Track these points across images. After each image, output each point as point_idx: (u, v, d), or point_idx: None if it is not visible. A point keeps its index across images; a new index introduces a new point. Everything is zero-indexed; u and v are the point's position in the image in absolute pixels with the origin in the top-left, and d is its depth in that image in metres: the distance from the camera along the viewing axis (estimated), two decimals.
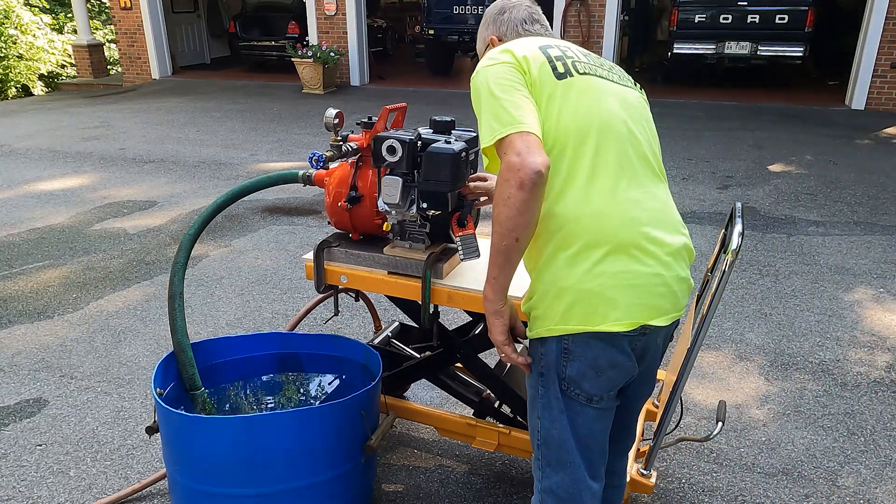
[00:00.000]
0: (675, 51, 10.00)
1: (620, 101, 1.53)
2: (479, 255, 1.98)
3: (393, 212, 2.01)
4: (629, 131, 1.50)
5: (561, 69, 1.49)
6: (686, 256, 1.53)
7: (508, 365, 2.37)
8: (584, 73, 1.51)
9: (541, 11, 1.76)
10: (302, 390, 2.38)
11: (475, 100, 1.49)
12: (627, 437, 1.79)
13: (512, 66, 1.47)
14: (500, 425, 2.22)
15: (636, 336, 1.45)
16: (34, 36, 15.57)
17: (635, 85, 1.66)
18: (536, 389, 1.54)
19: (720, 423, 2.03)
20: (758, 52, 9.60)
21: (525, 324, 1.58)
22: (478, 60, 1.73)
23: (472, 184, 1.96)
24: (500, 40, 1.69)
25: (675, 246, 1.49)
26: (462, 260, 1.98)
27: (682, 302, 1.52)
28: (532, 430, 1.59)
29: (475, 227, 2.05)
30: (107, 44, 16.24)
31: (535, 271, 1.49)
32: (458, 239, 1.97)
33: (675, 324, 1.56)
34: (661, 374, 2.38)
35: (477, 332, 2.40)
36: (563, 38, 10.13)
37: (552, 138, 1.43)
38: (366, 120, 2.14)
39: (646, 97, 1.67)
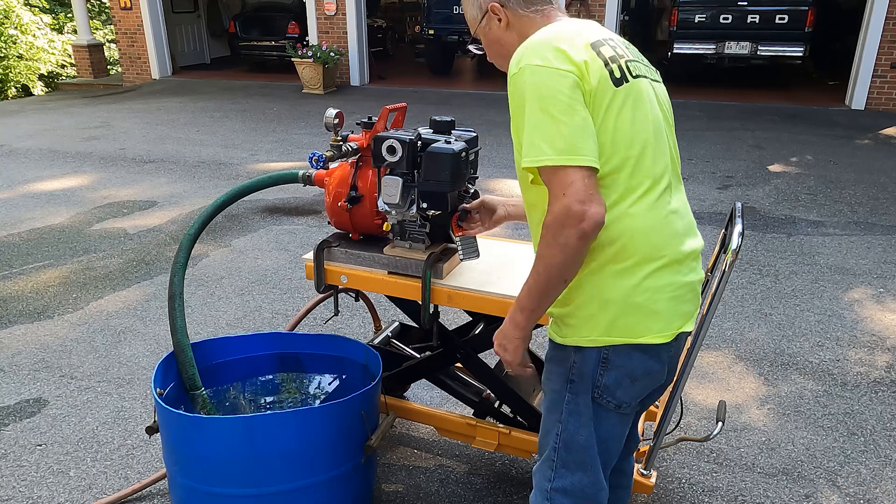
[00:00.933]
0: (675, 51, 10.00)
1: (660, 102, 1.47)
2: (478, 256, 1.98)
3: (393, 212, 2.01)
4: (666, 139, 1.46)
5: (618, 74, 1.37)
6: (700, 257, 1.54)
7: None
8: (637, 77, 1.41)
9: None
10: (302, 390, 2.38)
11: (517, 103, 1.34)
12: (634, 436, 1.80)
13: (570, 78, 1.30)
14: (500, 425, 2.22)
15: (671, 344, 1.46)
16: (34, 36, 15.57)
17: (658, 74, 1.57)
18: (562, 395, 1.50)
19: (720, 423, 2.03)
20: (758, 52, 9.59)
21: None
22: (478, 60, 1.70)
23: (474, 213, 1.95)
24: (502, 6, 1.51)
25: (697, 250, 1.50)
26: (462, 260, 1.98)
27: (699, 300, 1.54)
28: (548, 432, 1.56)
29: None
30: (107, 44, 16.24)
31: (575, 279, 1.43)
32: (457, 239, 1.97)
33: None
34: None
35: (477, 332, 2.40)
36: None
37: (609, 149, 1.34)
38: (366, 120, 2.14)
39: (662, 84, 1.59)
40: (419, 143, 1.92)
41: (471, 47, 1.69)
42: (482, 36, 1.59)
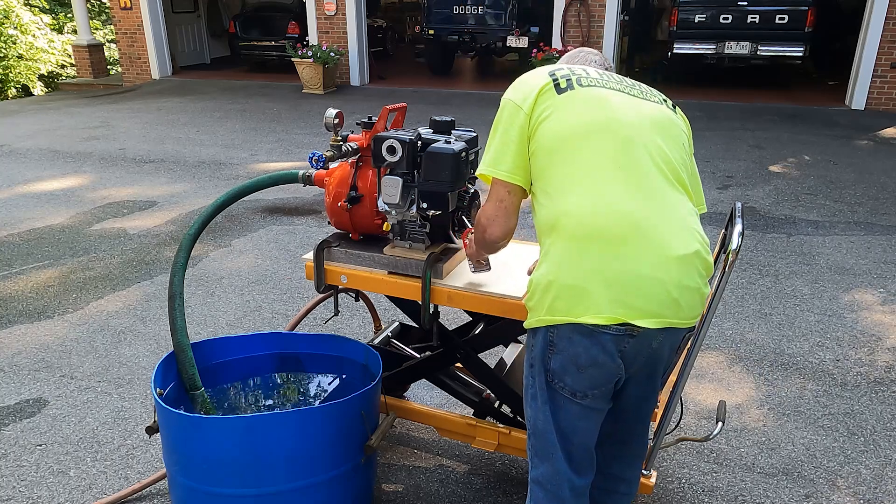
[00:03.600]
0: (675, 51, 9.99)
1: (633, 109, 1.57)
2: (489, 269, 1.99)
3: (393, 212, 2.01)
4: (631, 137, 1.52)
5: (563, 85, 1.58)
6: (698, 266, 1.50)
7: (508, 365, 2.37)
8: (588, 86, 1.59)
9: (610, 63, 1.84)
10: (302, 390, 2.38)
11: (495, 120, 1.64)
12: (633, 444, 1.78)
13: (514, 108, 1.59)
14: (500, 425, 2.22)
15: (621, 336, 1.46)
16: (34, 36, 15.57)
17: (665, 102, 1.68)
18: (527, 379, 1.61)
19: (720, 423, 2.03)
20: (758, 52, 9.58)
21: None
22: (478, 60, 1.75)
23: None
24: None
25: (680, 253, 1.47)
26: (473, 272, 1.99)
27: (687, 311, 1.49)
28: (526, 420, 1.65)
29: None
30: (107, 44, 16.24)
31: (538, 269, 1.56)
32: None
33: (680, 333, 1.55)
34: None
35: (477, 332, 2.40)
36: (562, 38, 10.13)
37: (551, 143, 1.53)
38: (366, 120, 2.14)
39: (682, 117, 1.70)
40: (419, 143, 1.93)
41: None
42: None
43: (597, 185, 1.48)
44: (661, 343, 1.53)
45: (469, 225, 2.01)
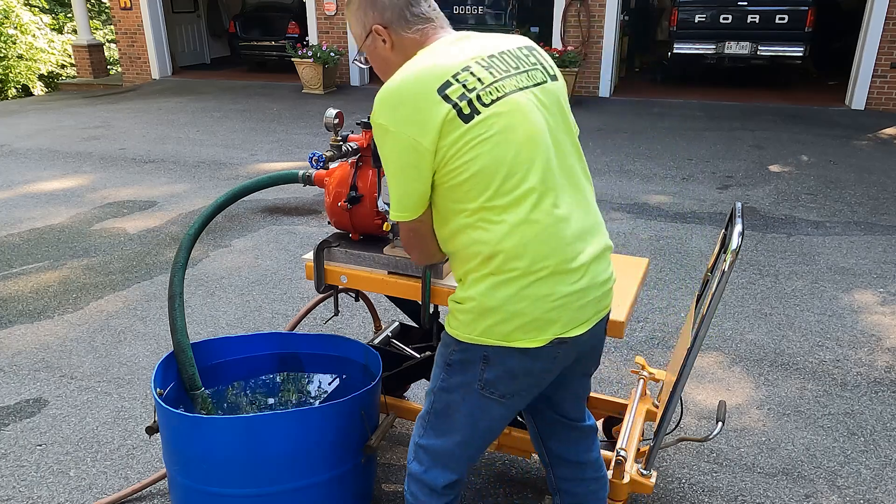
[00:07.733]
0: (675, 51, 10.01)
1: (540, 107, 1.47)
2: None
3: None
4: (549, 144, 1.46)
5: (466, 111, 1.37)
6: (607, 255, 1.56)
7: None
8: (493, 102, 1.40)
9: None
10: (302, 390, 2.38)
11: (380, 150, 1.44)
12: (580, 425, 1.80)
13: (407, 141, 1.39)
14: None
15: (554, 348, 1.48)
16: (34, 36, 15.58)
17: (548, 69, 1.55)
18: (438, 374, 1.61)
19: (720, 423, 2.03)
20: (758, 52, 9.60)
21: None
22: None
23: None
24: (385, 28, 1.52)
25: (597, 251, 1.51)
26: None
27: (606, 301, 1.55)
28: (429, 392, 1.66)
29: None
30: (107, 44, 16.25)
31: (465, 283, 1.50)
32: None
33: (605, 320, 1.60)
34: (660, 374, 2.39)
35: None
36: (562, 38, 10.14)
37: (473, 179, 1.39)
38: (366, 120, 2.14)
39: (561, 79, 1.58)
40: None
41: (357, 63, 1.69)
42: (368, 53, 1.60)
43: (534, 214, 1.41)
44: (591, 337, 1.56)
45: None
